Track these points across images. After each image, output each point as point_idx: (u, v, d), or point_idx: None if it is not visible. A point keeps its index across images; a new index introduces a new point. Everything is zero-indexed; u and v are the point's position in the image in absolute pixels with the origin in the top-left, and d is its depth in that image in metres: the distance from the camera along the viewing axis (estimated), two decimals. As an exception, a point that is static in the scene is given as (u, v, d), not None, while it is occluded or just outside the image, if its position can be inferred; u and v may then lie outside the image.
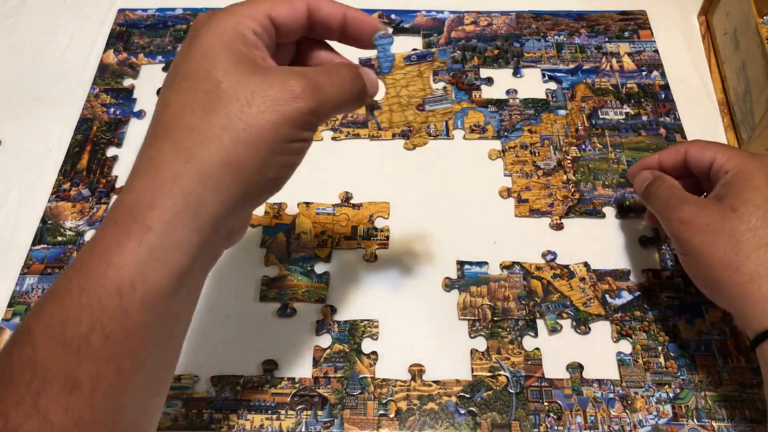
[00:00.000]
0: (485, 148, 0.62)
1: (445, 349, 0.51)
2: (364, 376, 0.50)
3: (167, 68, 0.69)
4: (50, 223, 0.58)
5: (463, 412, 0.48)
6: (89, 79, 0.68)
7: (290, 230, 0.57)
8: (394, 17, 0.73)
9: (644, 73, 0.67)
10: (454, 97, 0.66)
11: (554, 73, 0.68)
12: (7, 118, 0.65)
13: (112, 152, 0.63)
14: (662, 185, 0.47)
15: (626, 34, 0.71)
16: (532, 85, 0.67)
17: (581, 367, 0.50)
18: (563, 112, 0.64)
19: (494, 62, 0.69)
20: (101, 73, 0.69)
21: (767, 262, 0.41)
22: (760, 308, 0.40)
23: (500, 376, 0.49)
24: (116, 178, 0.61)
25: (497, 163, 0.61)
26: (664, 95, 0.66)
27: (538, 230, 0.57)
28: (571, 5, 0.73)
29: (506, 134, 0.63)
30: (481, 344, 0.51)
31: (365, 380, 0.49)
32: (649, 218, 0.55)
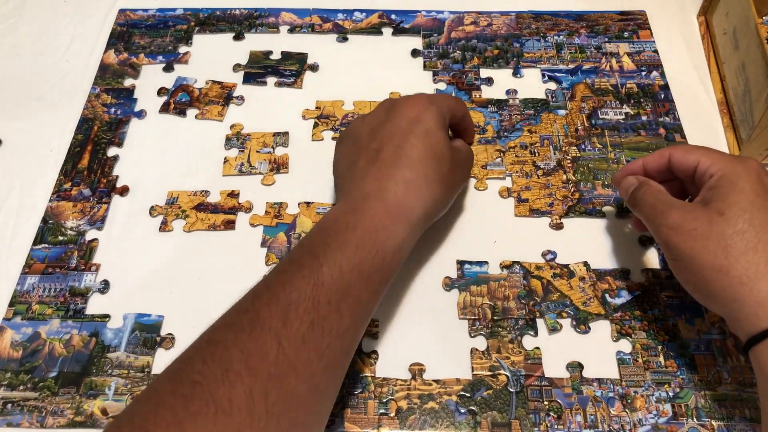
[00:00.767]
0: (489, 149, 0.62)
1: (445, 348, 0.51)
2: (364, 375, 0.50)
3: (168, 68, 0.69)
4: (51, 222, 0.58)
5: (463, 411, 0.48)
6: (90, 79, 0.68)
7: (291, 230, 0.57)
8: (394, 17, 0.73)
9: (644, 73, 0.67)
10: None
11: (554, 73, 0.68)
12: (8, 117, 0.65)
13: (113, 152, 0.63)
14: (648, 190, 0.47)
15: (626, 34, 0.71)
16: (531, 85, 0.67)
17: (581, 366, 0.50)
18: (563, 112, 0.65)
19: (494, 62, 0.69)
20: (102, 73, 0.69)
21: (756, 264, 0.41)
22: (751, 311, 0.40)
23: (500, 375, 0.49)
24: (117, 177, 0.61)
25: (497, 162, 0.61)
26: (663, 95, 0.66)
27: (537, 230, 0.57)
28: (570, 5, 0.73)
29: (506, 134, 0.63)
30: (481, 343, 0.51)
31: (366, 379, 0.49)
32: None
